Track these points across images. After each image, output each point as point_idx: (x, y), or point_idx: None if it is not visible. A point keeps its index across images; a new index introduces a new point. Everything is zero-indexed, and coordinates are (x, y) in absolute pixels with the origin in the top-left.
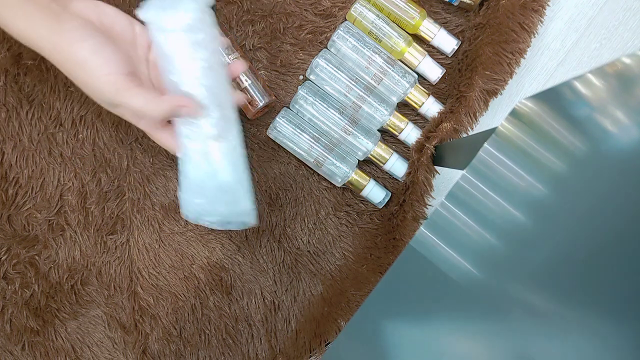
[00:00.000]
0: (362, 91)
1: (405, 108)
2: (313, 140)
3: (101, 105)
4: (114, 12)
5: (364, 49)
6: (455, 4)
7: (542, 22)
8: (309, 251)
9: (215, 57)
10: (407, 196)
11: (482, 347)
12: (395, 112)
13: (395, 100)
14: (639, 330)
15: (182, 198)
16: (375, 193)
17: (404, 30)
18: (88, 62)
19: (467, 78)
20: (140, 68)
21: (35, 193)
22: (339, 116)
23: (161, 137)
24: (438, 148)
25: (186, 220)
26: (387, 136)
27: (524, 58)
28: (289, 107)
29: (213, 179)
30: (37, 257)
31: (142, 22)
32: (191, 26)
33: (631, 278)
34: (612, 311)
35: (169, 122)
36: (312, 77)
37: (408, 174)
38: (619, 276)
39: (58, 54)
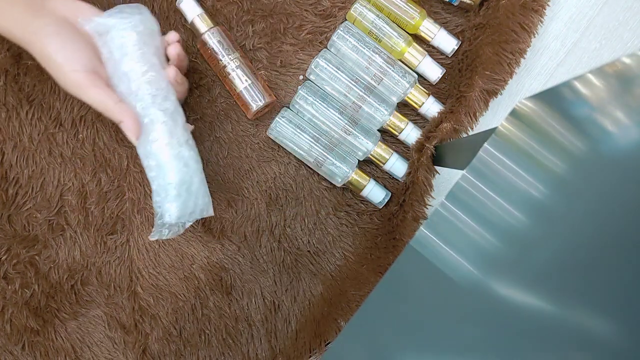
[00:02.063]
0: (362, 91)
1: (405, 108)
2: (313, 140)
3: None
4: (90, 10)
5: (364, 49)
6: (455, 4)
7: (542, 22)
8: (309, 251)
9: (157, 53)
10: (407, 196)
11: (479, 348)
12: (395, 112)
13: (395, 100)
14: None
15: (174, 204)
16: (375, 193)
17: (404, 30)
18: (55, 57)
19: (467, 78)
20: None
21: (36, 193)
22: (339, 116)
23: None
24: (438, 148)
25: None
26: (387, 136)
27: (524, 58)
28: (289, 107)
29: (189, 180)
30: (37, 257)
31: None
32: (135, 27)
33: (632, 278)
34: (612, 312)
35: None
36: (312, 77)
37: (408, 174)
38: (619, 276)
39: (32, 48)
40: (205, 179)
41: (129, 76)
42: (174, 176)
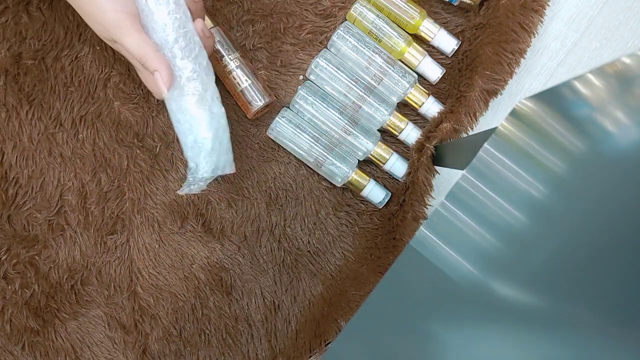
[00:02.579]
0: (362, 91)
1: (405, 108)
2: (313, 140)
3: (100, 39)
4: None
5: (364, 49)
6: (455, 4)
7: (542, 22)
8: (309, 251)
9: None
10: (407, 196)
11: (480, 349)
12: (395, 112)
13: (395, 100)
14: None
15: (209, 158)
16: (375, 193)
17: (404, 30)
18: None
19: (467, 78)
20: None
21: (35, 193)
22: (339, 116)
23: (149, 79)
24: (438, 148)
25: (185, 221)
26: (387, 136)
27: (524, 58)
28: (289, 107)
29: (221, 135)
30: (37, 257)
31: None
32: None
33: (631, 278)
34: (612, 311)
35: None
36: (312, 77)
37: (408, 174)
38: (619, 276)
39: None
40: (230, 136)
41: (164, 28)
42: (209, 131)
